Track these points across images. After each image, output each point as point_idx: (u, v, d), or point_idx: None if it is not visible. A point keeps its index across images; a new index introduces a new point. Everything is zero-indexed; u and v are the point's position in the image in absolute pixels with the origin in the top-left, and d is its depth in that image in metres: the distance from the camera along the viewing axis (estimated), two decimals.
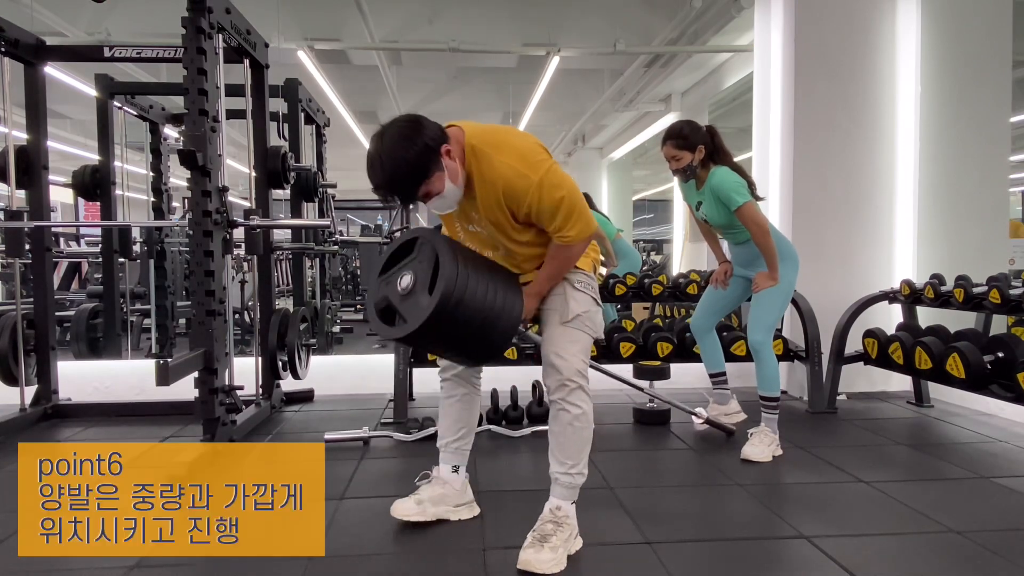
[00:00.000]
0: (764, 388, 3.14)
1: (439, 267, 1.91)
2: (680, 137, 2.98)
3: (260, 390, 3.89)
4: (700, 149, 2.98)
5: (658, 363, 3.72)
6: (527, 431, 3.41)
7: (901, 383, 4.23)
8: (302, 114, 5.22)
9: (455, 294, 1.87)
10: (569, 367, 2.05)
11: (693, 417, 3.41)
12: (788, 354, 4.08)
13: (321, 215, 5.62)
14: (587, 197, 6.06)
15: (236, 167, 7.66)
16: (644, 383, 3.48)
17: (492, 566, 2.02)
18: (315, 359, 4.40)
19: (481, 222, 2.11)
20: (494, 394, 3.62)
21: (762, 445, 3.04)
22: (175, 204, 7.15)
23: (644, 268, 10.24)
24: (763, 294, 3.04)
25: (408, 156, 1.86)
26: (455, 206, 2.06)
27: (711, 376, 3.45)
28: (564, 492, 2.10)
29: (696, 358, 3.63)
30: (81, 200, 5.94)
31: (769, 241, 2.95)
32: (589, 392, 2.10)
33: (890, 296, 4.02)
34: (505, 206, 2.00)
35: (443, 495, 2.29)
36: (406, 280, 1.96)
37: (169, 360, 2.77)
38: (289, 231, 5.49)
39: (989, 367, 3.13)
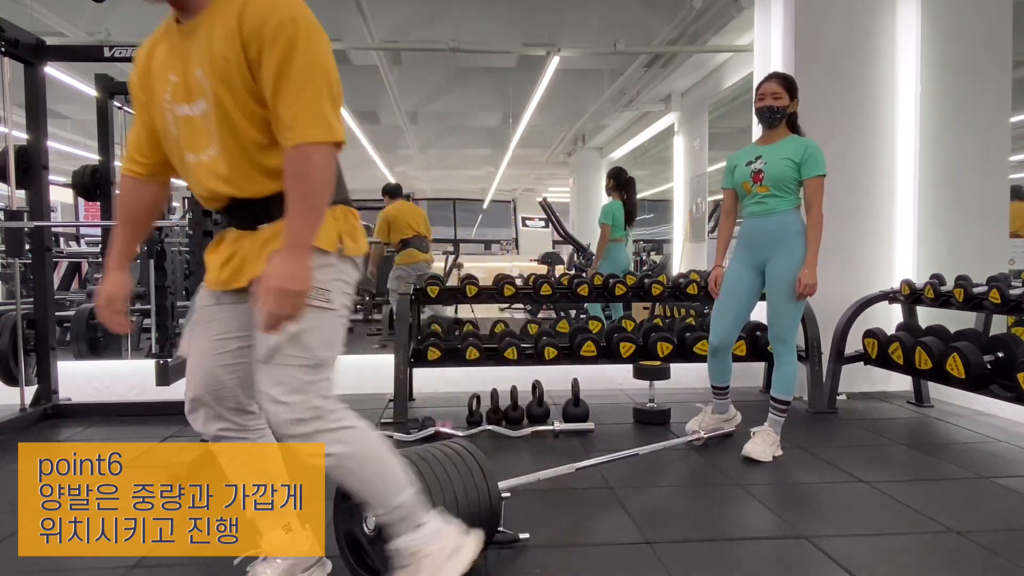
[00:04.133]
0: (778, 390, 3.11)
1: None
2: (789, 81, 3.11)
3: None
4: (796, 103, 3.10)
5: (658, 363, 3.72)
6: (527, 431, 3.41)
7: (901, 383, 4.23)
8: None
9: None
10: (284, 415, 1.55)
11: (692, 438, 3.28)
12: None
13: None
14: (631, 180, 6.12)
15: None
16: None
17: (493, 564, 2.02)
18: None
19: (203, 87, 1.46)
20: (494, 394, 3.62)
21: (764, 444, 3.04)
22: (175, 204, 7.15)
23: (644, 268, 10.26)
24: (783, 291, 2.99)
25: None
26: None
27: (716, 388, 3.30)
28: (397, 530, 1.64)
29: (696, 358, 3.62)
30: (81, 200, 5.95)
31: (822, 221, 2.99)
32: (340, 423, 1.57)
33: (890, 296, 4.02)
34: (240, 45, 1.39)
35: (293, 565, 1.80)
36: (372, 522, 1.83)
37: (169, 360, 2.78)
38: None
39: (989, 367, 3.13)
